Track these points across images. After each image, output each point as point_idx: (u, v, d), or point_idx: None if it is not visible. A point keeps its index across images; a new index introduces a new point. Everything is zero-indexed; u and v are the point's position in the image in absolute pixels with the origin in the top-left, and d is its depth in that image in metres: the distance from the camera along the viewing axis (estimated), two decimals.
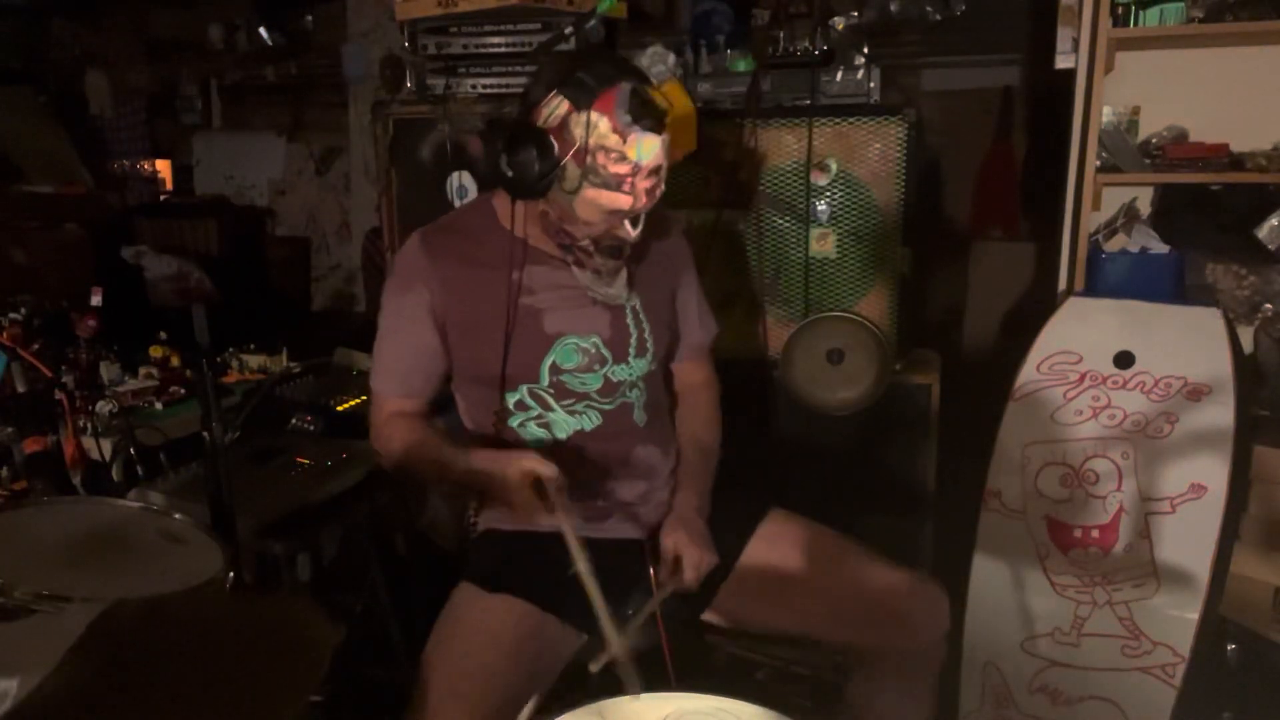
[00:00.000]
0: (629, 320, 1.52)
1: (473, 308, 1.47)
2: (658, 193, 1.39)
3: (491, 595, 1.44)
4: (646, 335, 1.54)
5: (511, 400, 1.51)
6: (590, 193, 1.35)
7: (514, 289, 1.46)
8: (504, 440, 1.53)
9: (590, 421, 1.51)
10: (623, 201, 1.35)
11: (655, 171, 1.36)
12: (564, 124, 1.33)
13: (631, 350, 1.52)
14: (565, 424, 1.51)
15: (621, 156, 1.33)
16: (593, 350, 1.49)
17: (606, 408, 1.52)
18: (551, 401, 1.50)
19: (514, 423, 1.52)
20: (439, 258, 1.48)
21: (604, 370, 1.50)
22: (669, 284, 1.62)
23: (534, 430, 1.52)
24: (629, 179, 1.34)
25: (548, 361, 1.48)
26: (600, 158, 1.33)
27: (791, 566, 1.52)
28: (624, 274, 1.46)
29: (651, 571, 1.48)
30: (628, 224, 1.38)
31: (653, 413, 1.58)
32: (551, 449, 1.50)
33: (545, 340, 1.48)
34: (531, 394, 1.50)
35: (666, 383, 1.69)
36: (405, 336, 1.51)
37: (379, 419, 1.55)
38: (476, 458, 1.40)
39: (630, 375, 1.53)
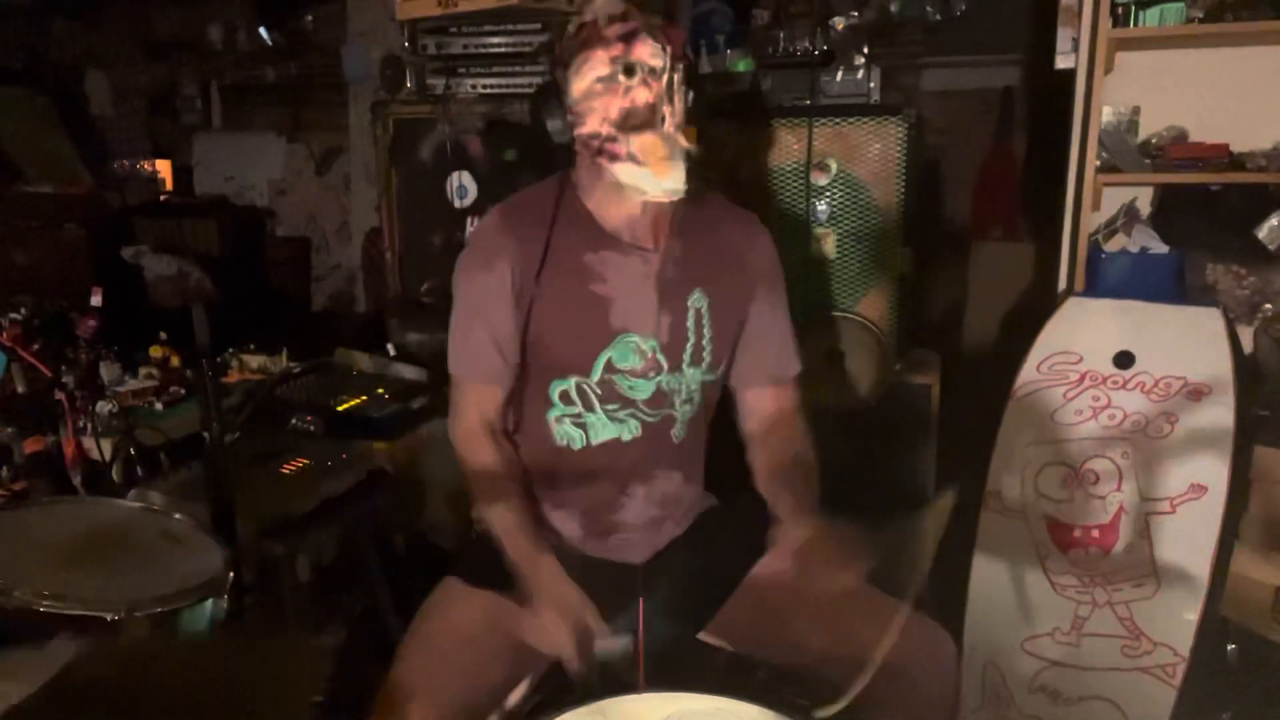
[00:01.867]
0: (689, 323, 1.46)
1: (542, 288, 1.44)
2: (642, 48, 1.36)
3: (475, 592, 1.42)
4: (705, 343, 1.47)
5: (556, 390, 1.46)
6: (575, 68, 1.38)
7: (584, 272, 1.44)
8: (542, 441, 1.50)
9: (629, 432, 1.47)
10: (598, 57, 1.36)
11: (621, 18, 1.36)
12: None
13: (686, 357, 1.47)
14: (602, 429, 1.47)
15: (583, 22, 1.39)
16: (650, 355, 1.45)
17: (649, 420, 1.47)
18: (595, 402, 1.46)
19: (552, 415, 1.48)
20: (517, 236, 1.45)
21: (657, 379, 1.46)
22: (742, 291, 1.53)
23: (569, 429, 1.48)
24: (595, 31, 1.37)
25: (604, 357, 1.44)
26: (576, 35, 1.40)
27: (797, 600, 1.42)
28: (679, 168, 1.37)
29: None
30: (622, 78, 1.35)
31: (692, 432, 1.53)
32: (578, 455, 1.48)
33: (607, 333, 1.44)
34: (578, 389, 1.46)
35: (719, 414, 1.60)
36: (488, 318, 1.46)
37: (465, 416, 1.49)
38: (528, 565, 1.34)
39: (681, 386, 1.48)
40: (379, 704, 1.27)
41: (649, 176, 1.37)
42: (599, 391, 1.46)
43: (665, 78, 1.36)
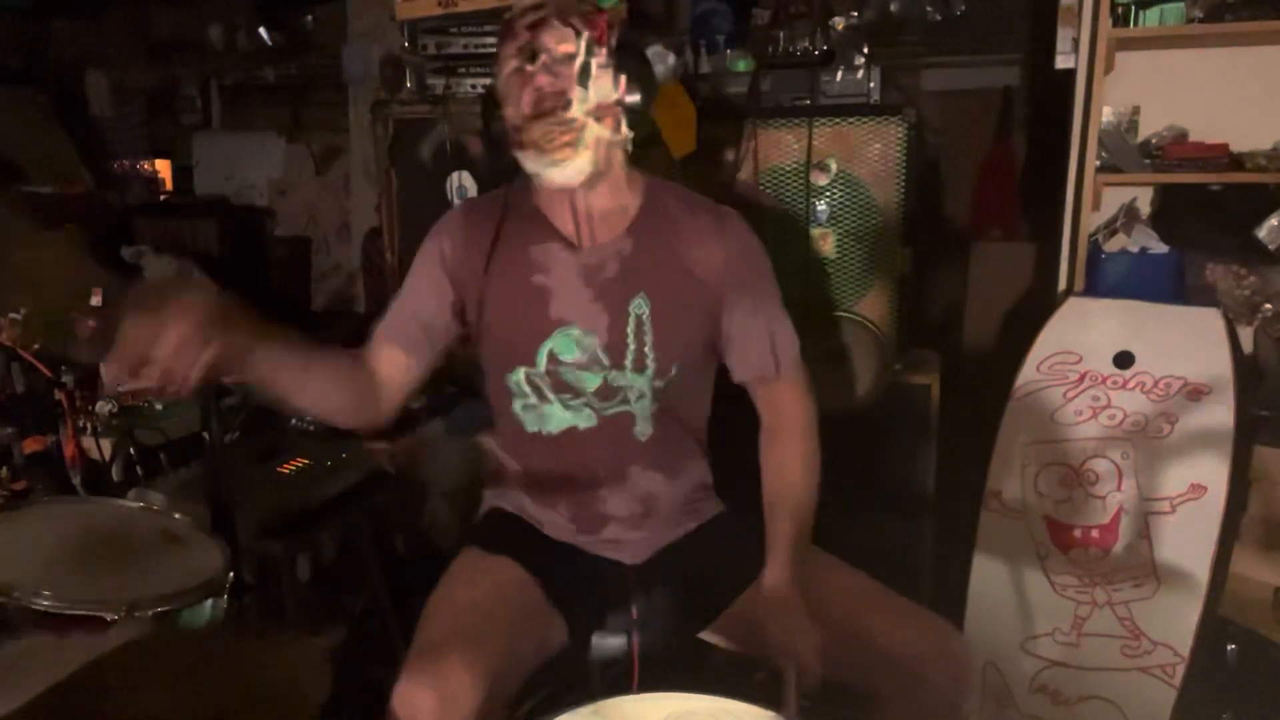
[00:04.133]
0: (629, 329, 1.44)
1: (490, 277, 1.46)
2: (548, 35, 1.34)
3: (492, 558, 1.44)
4: (647, 349, 1.45)
5: (511, 381, 1.48)
6: (498, 64, 1.40)
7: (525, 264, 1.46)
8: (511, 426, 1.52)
9: (585, 421, 1.47)
10: (509, 49, 1.37)
11: (533, 9, 1.36)
12: None
13: (628, 363, 1.45)
14: (559, 418, 1.48)
15: (506, 19, 1.39)
16: (591, 349, 1.45)
17: (603, 412, 1.47)
18: (548, 392, 1.47)
19: (518, 405, 1.50)
20: (470, 223, 1.49)
21: (602, 373, 1.45)
22: (703, 293, 1.47)
23: (532, 416, 1.49)
24: (510, 24, 1.38)
25: (545, 348, 1.45)
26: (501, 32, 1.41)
27: (803, 600, 1.42)
28: (583, 155, 1.36)
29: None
30: (527, 66, 1.35)
31: (662, 430, 1.50)
32: (548, 440, 1.49)
33: (548, 324, 1.45)
34: (528, 380, 1.47)
35: (715, 405, 1.59)
36: (412, 284, 1.50)
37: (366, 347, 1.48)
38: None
39: (631, 385, 1.47)
40: (413, 656, 1.25)
41: (547, 163, 1.37)
42: (548, 380, 1.47)
43: (577, 63, 1.35)
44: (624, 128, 1.40)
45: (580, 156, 1.36)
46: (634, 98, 1.39)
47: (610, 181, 1.44)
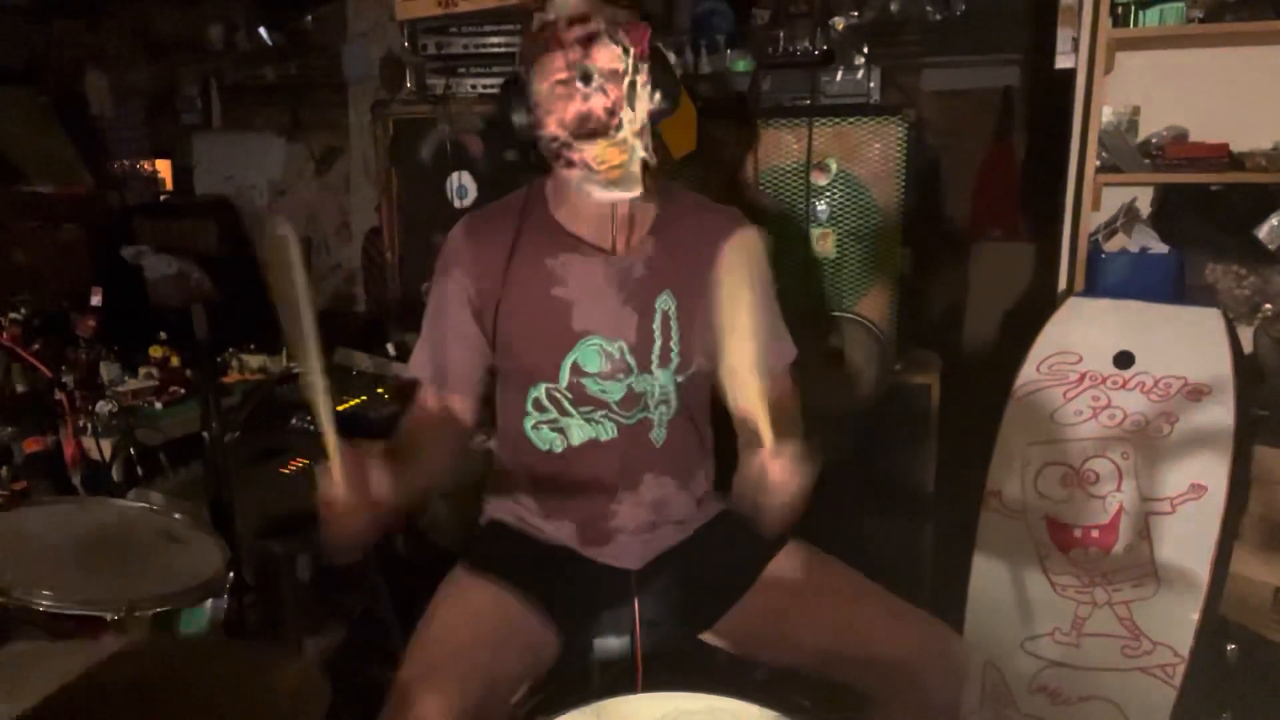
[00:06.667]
0: (656, 325, 1.45)
1: (506, 294, 1.44)
2: (600, 53, 1.32)
3: (480, 582, 1.44)
4: (673, 344, 1.45)
5: (530, 398, 1.47)
6: (536, 69, 1.36)
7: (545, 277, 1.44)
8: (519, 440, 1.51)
9: (606, 433, 1.46)
10: (556, 61, 1.33)
11: (581, 21, 1.33)
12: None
13: (654, 359, 1.45)
14: (580, 431, 1.46)
15: (544, 22, 1.35)
16: (617, 356, 1.43)
17: (625, 421, 1.46)
18: (568, 406, 1.45)
19: (529, 424, 1.48)
20: (479, 243, 1.46)
21: (628, 380, 1.44)
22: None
23: (547, 434, 1.48)
24: (555, 33, 1.34)
25: (569, 361, 1.43)
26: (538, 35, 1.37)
27: (802, 601, 1.44)
28: (633, 175, 1.36)
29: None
30: (579, 84, 1.33)
31: (676, 435, 1.50)
32: (561, 458, 1.48)
33: (570, 337, 1.43)
34: (549, 395, 1.45)
35: (713, 412, 1.57)
36: (440, 324, 1.48)
37: (415, 404, 1.51)
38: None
39: (654, 388, 1.46)
40: (395, 694, 1.26)
41: (601, 184, 1.36)
42: (570, 395, 1.45)
43: (625, 80, 1.33)
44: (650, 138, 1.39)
45: (632, 175, 1.35)
46: (664, 107, 1.38)
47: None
